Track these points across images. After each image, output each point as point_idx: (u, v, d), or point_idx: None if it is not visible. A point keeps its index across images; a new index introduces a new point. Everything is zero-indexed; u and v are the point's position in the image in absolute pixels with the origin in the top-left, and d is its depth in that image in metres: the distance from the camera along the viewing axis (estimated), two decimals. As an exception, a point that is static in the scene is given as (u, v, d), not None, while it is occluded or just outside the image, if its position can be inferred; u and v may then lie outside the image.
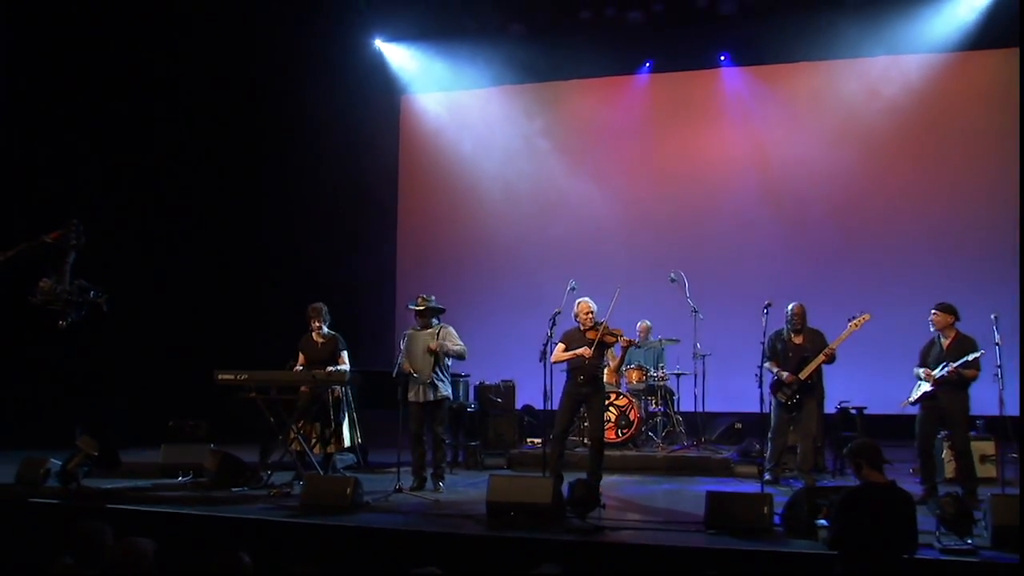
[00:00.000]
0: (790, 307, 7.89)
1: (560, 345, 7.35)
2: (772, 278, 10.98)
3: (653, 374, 9.66)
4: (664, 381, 9.70)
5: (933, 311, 7.08)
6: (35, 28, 10.59)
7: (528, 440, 9.89)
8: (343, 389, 7.96)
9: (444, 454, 7.91)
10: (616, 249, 11.99)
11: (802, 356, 7.70)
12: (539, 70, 12.38)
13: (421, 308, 7.77)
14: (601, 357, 7.37)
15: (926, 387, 7.01)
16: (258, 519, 6.25)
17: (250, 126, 12.18)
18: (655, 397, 9.67)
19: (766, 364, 7.73)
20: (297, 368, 7.88)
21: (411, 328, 7.86)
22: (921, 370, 7.10)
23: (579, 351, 7.17)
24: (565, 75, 12.59)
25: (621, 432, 9.17)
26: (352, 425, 8.15)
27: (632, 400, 9.32)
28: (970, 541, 5.29)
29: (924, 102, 11.30)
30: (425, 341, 7.63)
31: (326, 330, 7.97)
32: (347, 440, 8.06)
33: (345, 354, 7.97)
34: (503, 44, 12.17)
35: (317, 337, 7.95)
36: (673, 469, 8.66)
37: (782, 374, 7.71)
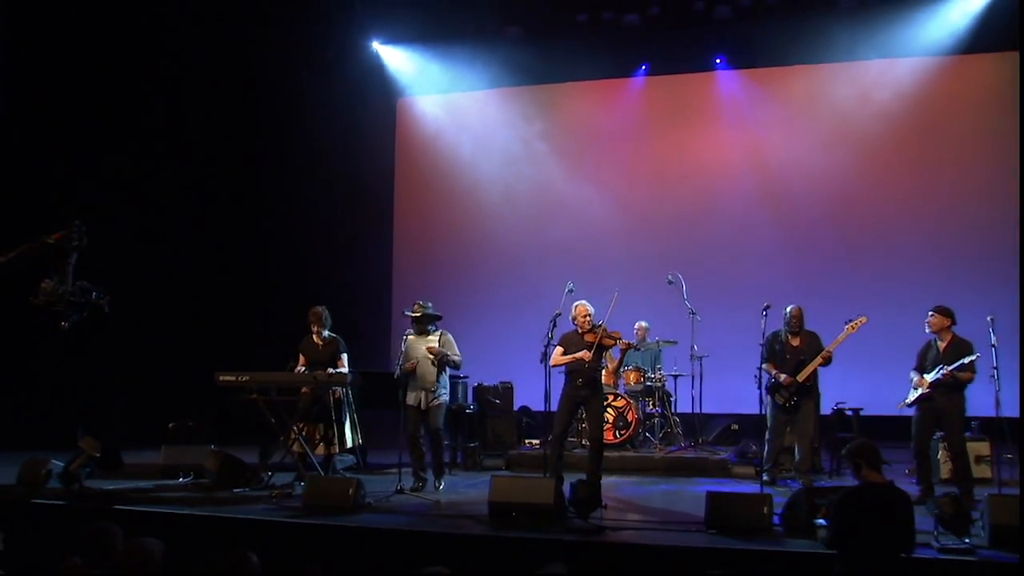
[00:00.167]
0: (788, 309, 7.94)
1: (559, 348, 7.36)
2: (768, 280, 11.06)
3: (650, 375, 9.71)
4: (661, 383, 9.75)
5: (930, 313, 7.10)
6: (35, 28, 10.59)
7: (526, 441, 9.92)
8: (344, 390, 7.98)
9: (443, 451, 7.95)
10: (613, 251, 12.01)
11: (799, 358, 7.76)
12: (536, 73, 12.40)
13: (417, 315, 7.80)
14: (600, 359, 7.41)
15: (923, 389, 7.07)
16: (262, 519, 6.27)
17: (248, 129, 12.18)
18: (652, 398, 9.71)
19: (764, 366, 7.79)
20: (298, 370, 7.90)
21: (410, 333, 7.86)
22: (915, 378, 7.13)
23: (578, 355, 7.18)
24: (562, 78, 12.62)
25: (619, 433, 9.20)
26: (353, 426, 8.18)
27: (630, 401, 9.35)
28: (968, 541, 5.34)
29: (919, 105, 11.36)
30: (426, 347, 7.67)
31: (327, 333, 8.00)
32: (349, 441, 8.09)
33: (345, 356, 8.00)
34: (500, 47, 12.20)
35: (318, 339, 7.97)
36: (671, 470, 8.71)
37: (780, 376, 7.76)
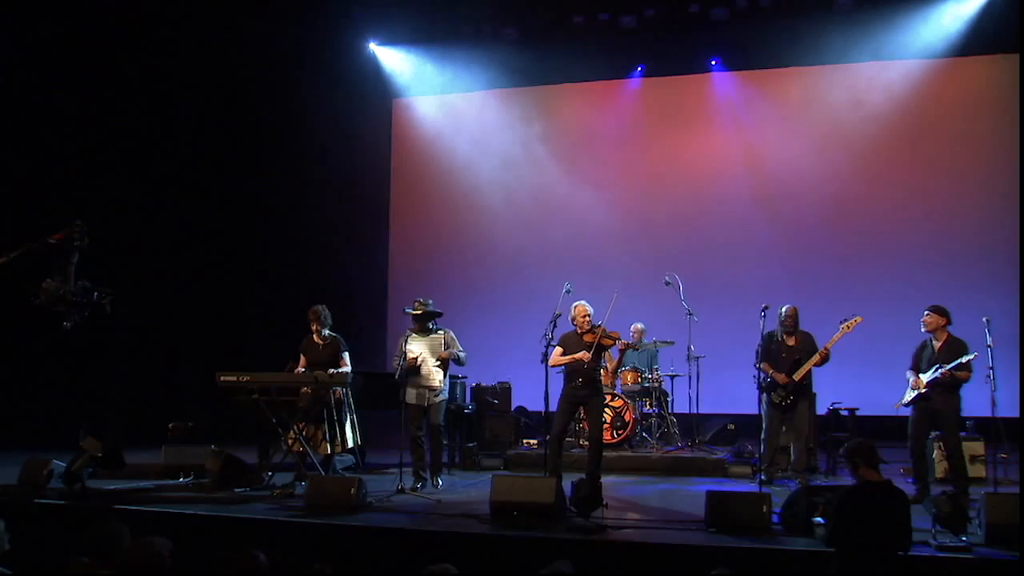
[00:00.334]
0: (783, 309, 8.02)
1: (558, 348, 7.40)
2: (765, 280, 11.12)
3: (647, 376, 9.76)
4: (658, 383, 9.81)
5: (926, 313, 7.15)
6: (36, 29, 10.57)
7: (524, 441, 9.94)
8: (344, 390, 8.00)
9: (442, 449, 7.99)
10: (610, 252, 12.04)
11: (795, 357, 7.83)
12: (532, 74, 12.44)
13: (419, 312, 7.83)
14: (599, 359, 7.46)
15: (920, 389, 7.12)
16: (266, 519, 6.31)
17: (246, 129, 12.19)
18: (649, 399, 9.76)
19: (760, 366, 7.86)
20: (298, 370, 7.91)
21: (410, 332, 7.89)
22: (912, 378, 7.17)
23: (578, 355, 7.22)
24: (558, 79, 12.64)
25: (617, 433, 9.24)
26: (353, 426, 8.20)
27: (627, 401, 9.40)
28: (965, 539, 5.39)
29: (912, 107, 11.43)
30: (431, 347, 7.71)
31: (327, 332, 8.00)
32: (350, 441, 8.10)
33: (347, 356, 8.00)
34: (497, 48, 12.24)
35: (318, 339, 7.97)
36: (669, 470, 8.76)
37: (776, 376, 7.83)
